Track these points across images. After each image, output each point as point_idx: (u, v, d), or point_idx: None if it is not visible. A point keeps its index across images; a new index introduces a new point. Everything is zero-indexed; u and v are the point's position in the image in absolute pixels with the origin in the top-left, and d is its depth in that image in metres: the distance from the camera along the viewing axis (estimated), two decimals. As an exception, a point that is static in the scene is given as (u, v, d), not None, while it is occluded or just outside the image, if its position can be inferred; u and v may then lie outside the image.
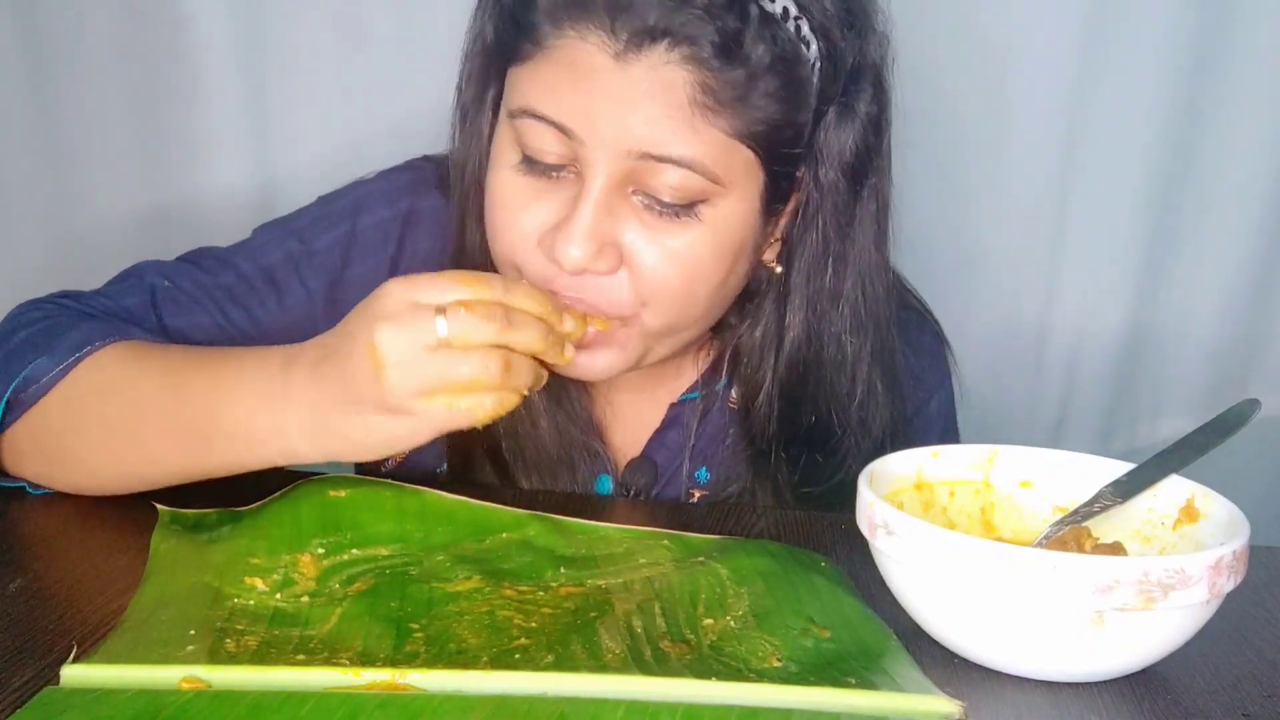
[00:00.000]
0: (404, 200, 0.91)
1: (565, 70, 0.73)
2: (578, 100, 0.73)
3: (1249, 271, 1.39)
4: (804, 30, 0.75)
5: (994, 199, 1.38)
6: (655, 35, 0.71)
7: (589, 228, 0.74)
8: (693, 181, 0.74)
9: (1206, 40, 1.31)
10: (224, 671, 0.56)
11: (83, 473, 0.77)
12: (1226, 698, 0.62)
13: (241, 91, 1.33)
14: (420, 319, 0.64)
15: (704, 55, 0.71)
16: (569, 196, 0.76)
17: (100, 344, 0.77)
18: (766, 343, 0.87)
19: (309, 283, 0.88)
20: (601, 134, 0.73)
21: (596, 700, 0.55)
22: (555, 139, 0.75)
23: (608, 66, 0.72)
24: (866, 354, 0.87)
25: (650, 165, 0.74)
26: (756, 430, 0.89)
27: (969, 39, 1.31)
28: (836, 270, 0.84)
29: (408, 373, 0.64)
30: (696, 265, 0.77)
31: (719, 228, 0.77)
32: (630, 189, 0.75)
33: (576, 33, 0.73)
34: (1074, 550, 0.69)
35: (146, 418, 0.74)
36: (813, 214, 0.82)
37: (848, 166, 0.81)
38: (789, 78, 0.75)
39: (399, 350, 0.64)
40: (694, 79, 0.72)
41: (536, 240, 0.77)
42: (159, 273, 0.87)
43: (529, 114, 0.75)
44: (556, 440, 0.90)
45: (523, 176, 0.77)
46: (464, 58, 0.83)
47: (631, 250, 0.76)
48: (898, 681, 0.60)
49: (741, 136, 0.74)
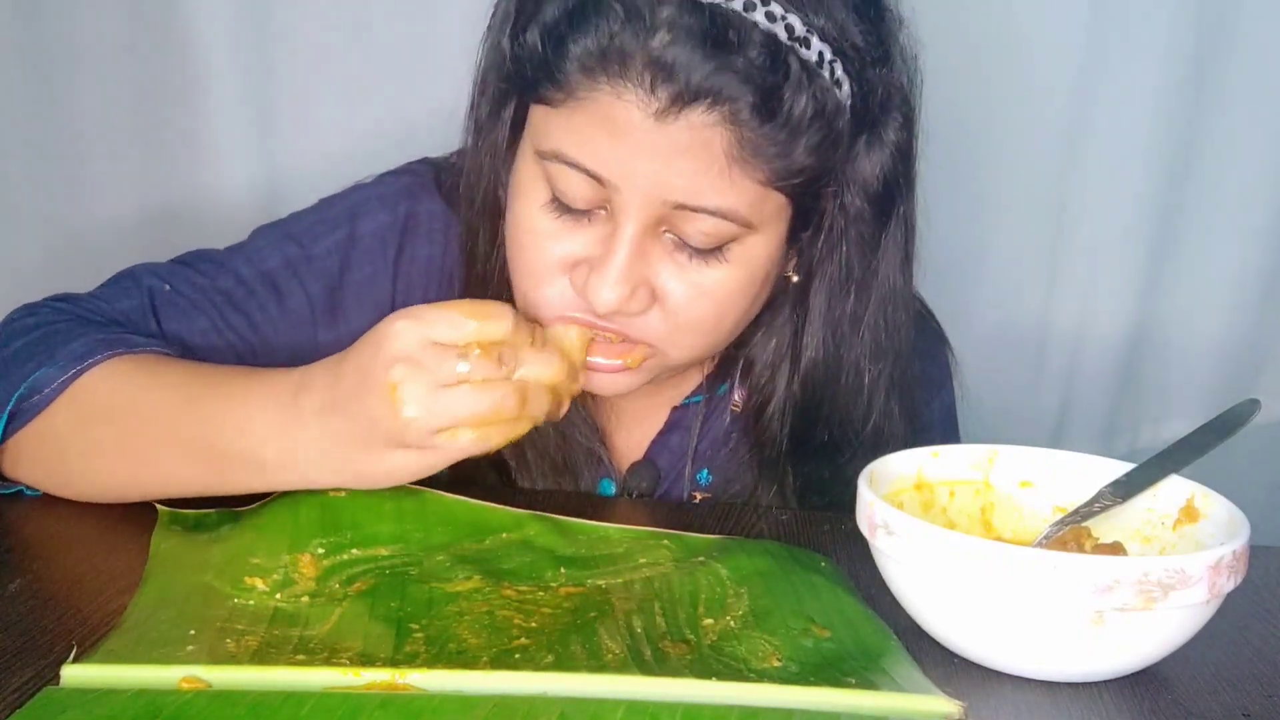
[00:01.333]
0: (403, 205, 0.90)
1: (600, 124, 0.71)
2: (614, 154, 0.72)
3: (1252, 272, 1.39)
4: (838, 73, 0.73)
5: (995, 199, 1.38)
6: (696, 97, 0.69)
7: (622, 271, 0.74)
8: (724, 228, 0.74)
9: (1208, 40, 1.31)
10: (224, 671, 0.56)
11: (90, 485, 0.78)
12: (1226, 698, 0.62)
13: (245, 91, 1.33)
14: (439, 360, 0.65)
15: (743, 115, 0.70)
16: (600, 234, 0.75)
17: (106, 355, 0.77)
18: (780, 356, 0.87)
19: (309, 287, 0.88)
20: (638, 186, 0.72)
21: (596, 700, 0.55)
22: (587, 185, 0.74)
23: (646, 125, 0.70)
24: (885, 380, 0.87)
25: (683, 213, 0.73)
26: (765, 440, 0.89)
27: (969, 39, 1.31)
28: (859, 296, 0.83)
29: (428, 412, 0.66)
30: (727, 300, 0.78)
31: (748, 264, 0.77)
32: (663, 229, 0.75)
33: (612, 88, 0.70)
34: (1074, 550, 0.69)
35: (156, 438, 0.74)
36: (837, 239, 0.81)
37: (875, 194, 0.80)
38: (829, 130, 0.73)
39: (419, 391, 0.65)
40: (732, 135, 0.71)
41: (563, 269, 0.77)
42: (156, 275, 0.86)
43: (561, 159, 0.74)
44: (559, 444, 0.90)
45: (551, 215, 0.76)
46: (479, 70, 0.82)
47: (663, 289, 0.76)
48: (898, 681, 0.60)
49: (776, 185, 0.74)
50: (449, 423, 0.66)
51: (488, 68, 0.81)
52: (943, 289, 1.03)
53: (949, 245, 1.35)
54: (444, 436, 0.67)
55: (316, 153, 1.33)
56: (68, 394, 0.76)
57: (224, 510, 0.76)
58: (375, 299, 0.89)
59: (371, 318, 0.88)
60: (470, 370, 0.66)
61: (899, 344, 0.86)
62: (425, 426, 0.66)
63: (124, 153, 1.34)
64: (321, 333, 0.88)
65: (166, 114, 1.33)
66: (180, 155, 1.34)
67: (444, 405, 0.66)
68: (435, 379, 0.65)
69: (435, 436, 0.67)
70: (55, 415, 0.76)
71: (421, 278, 0.90)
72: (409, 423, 0.66)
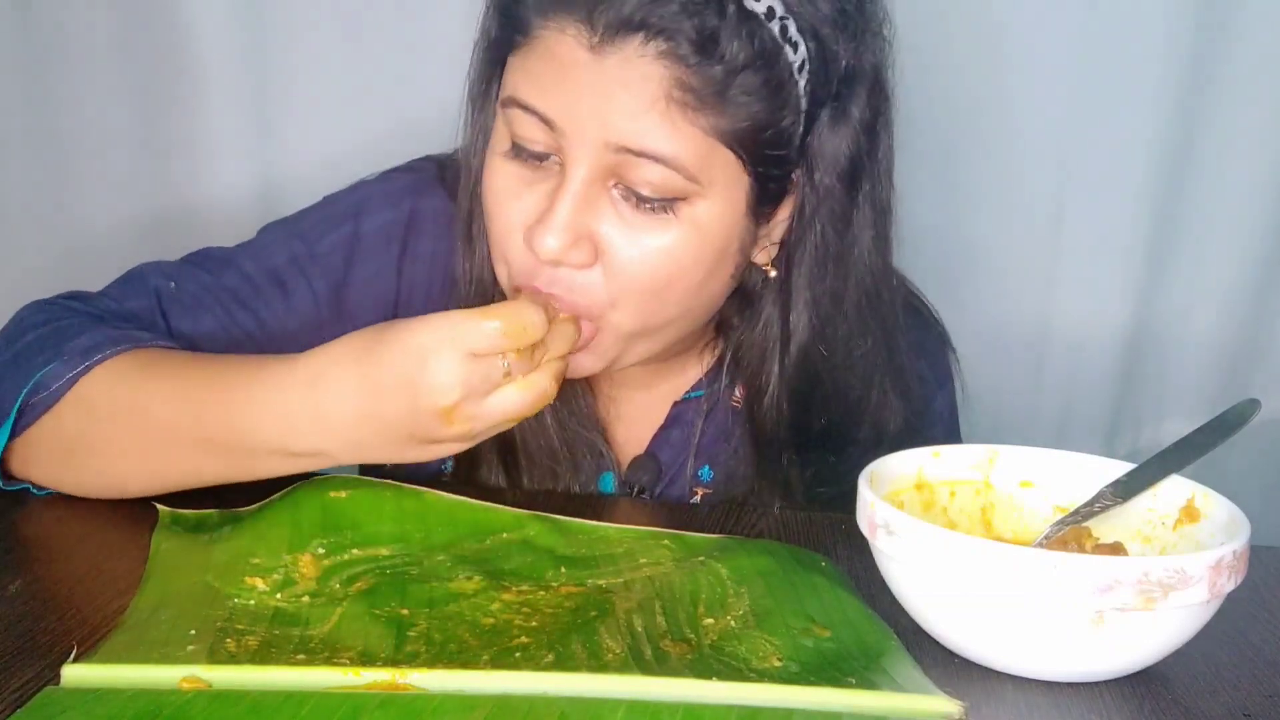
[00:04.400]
0: (407, 201, 0.91)
1: (547, 61, 0.74)
2: (558, 92, 0.74)
3: (1251, 271, 1.39)
4: (791, 31, 0.75)
5: (995, 199, 1.37)
6: (631, 28, 0.72)
7: (566, 219, 0.75)
8: (672, 179, 0.74)
9: (1206, 39, 1.31)
10: (224, 671, 0.56)
11: (97, 480, 0.78)
12: (1226, 698, 0.62)
13: (244, 93, 1.33)
14: (485, 375, 0.68)
15: (680, 51, 0.72)
16: (552, 188, 0.77)
17: (113, 351, 0.77)
18: (769, 345, 0.87)
19: (314, 284, 0.88)
20: (580, 126, 0.74)
21: (596, 700, 0.56)
22: (539, 129, 0.76)
23: (585, 59, 0.73)
24: (877, 357, 0.87)
25: (629, 159, 0.74)
26: (764, 431, 0.89)
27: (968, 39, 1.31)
28: (837, 273, 0.83)
29: (483, 423, 0.70)
30: (672, 264, 0.77)
31: (698, 229, 0.77)
32: (611, 182, 0.76)
33: (557, 24, 0.74)
34: (1074, 550, 0.69)
35: (162, 432, 0.75)
36: (809, 217, 0.82)
37: (843, 171, 0.80)
38: (769, 77, 0.74)
39: (472, 408, 0.69)
40: (670, 74, 0.72)
41: (521, 232, 0.78)
42: (163, 274, 0.87)
43: (516, 103, 0.76)
44: (561, 436, 0.90)
45: (511, 164, 0.78)
46: (473, 53, 0.84)
47: (607, 243, 0.76)
48: (898, 681, 0.60)
49: (721, 136, 0.74)
50: (501, 423, 0.70)
51: (478, 46, 0.83)
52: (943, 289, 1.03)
53: (949, 245, 1.35)
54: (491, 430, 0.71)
55: (315, 153, 1.33)
56: (76, 390, 0.76)
57: (224, 510, 0.76)
58: (380, 295, 0.90)
59: (376, 314, 0.89)
60: (512, 369, 0.69)
61: (884, 323, 0.87)
62: (479, 433, 0.71)
63: (123, 154, 1.34)
64: (327, 329, 0.88)
65: (165, 116, 1.33)
66: (179, 157, 1.34)
67: (495, 410, 0.69)
68: (484, 391, 0.68)
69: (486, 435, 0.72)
70: (64, 411, 0.76)
71: (426, 274, 0.90)
72: (464, 434, 0.70)
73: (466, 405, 0.68)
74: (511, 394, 0.69)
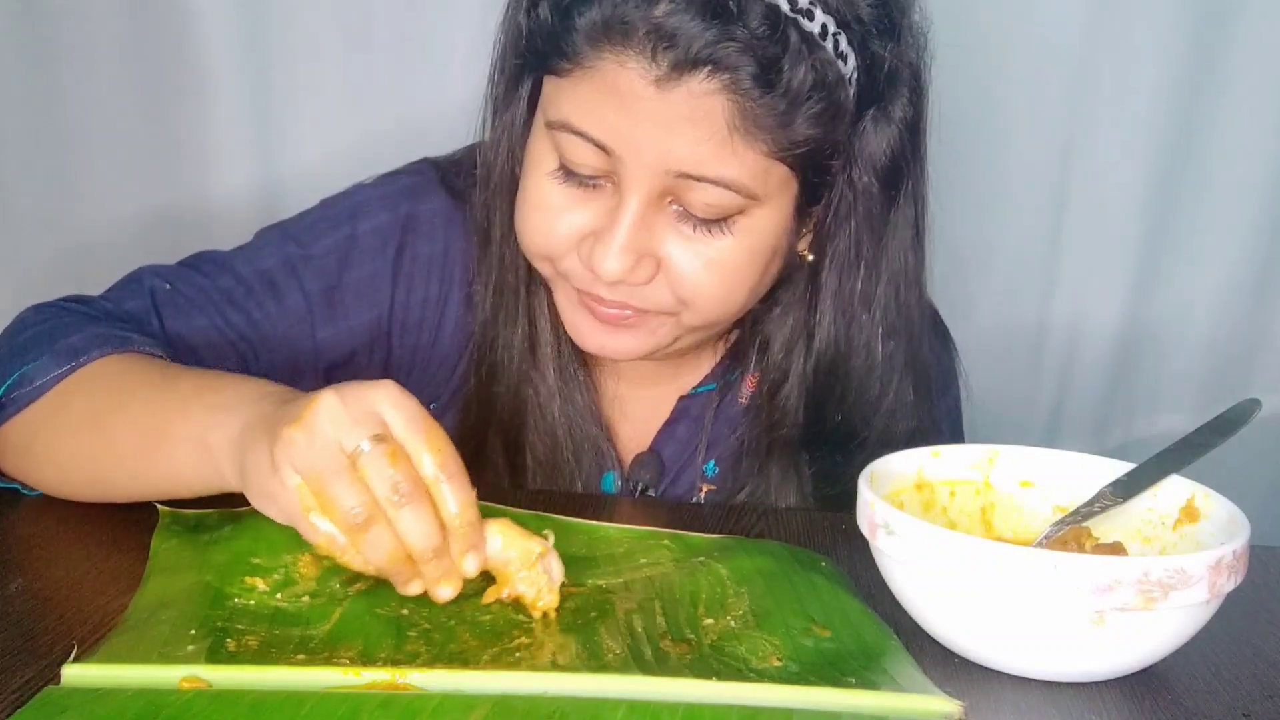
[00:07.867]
0: (404, 205, 0.91)
1: (605, 93, 0.73)
2: (618, 122, 0.74)
3: (1247, 269, 1.39)
4: (842, 45, 0.75)
5: (993, 197, 1.38)
6: (695, 64, 0.71)
7: (626, 241, 0.76)
8: (730, 199, 0.75)
9: (1206, 38, 1.31)
10: (224, 671, 0.56)
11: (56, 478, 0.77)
12: (1226, 698, 0.62)
13: (247, 93, 1.33)
14: (344, 446, 0.59)
15: (744, 85, 0.71)
16: (606, 206, 0.77)
17: (99, 353, 0.77)
18: (795, 335, 0.87)
19: (307, 286, 0.88)
20: (640, 154, 0.74)
21: (596, 700, 0.56)
22: (594, 154, 0.76)
23: (648, 93, 0.72)
24: (897, 361, 0.87)
25: (688, 183, 0.75)
26: (779, 423, 0.89)
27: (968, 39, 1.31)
28: (868, 274, 0.84)
29: (286, 493, 0.61)
30: (733, 272, 0.79)
31: (753, 236, 0.78)
32: (668, 200, 0.77)
33: (615, 57, 0.72)
34: (1074, 550, 0.69)
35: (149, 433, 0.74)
36: (845, 214, 0.82)
37: (883, 170, 0.81)
38: (829, 101, 0.75)
39: (295, 464, 0.60)
40: (734, 105, 0.72)
41: (572, 244, 0.79)
42: (160, 277, 0.87)
43: (568, 129, 0.76)
44: (565, 433, 0.90)
45: (560, 184, 0.78)
46: (496, 49, 0.83)
47: (669, 260, 0.78)
48: (898, 681, 0.60)
49: (779, 155, 0.75)
50: (292, 513, 0.62)
51: (505, 47, 0.83)
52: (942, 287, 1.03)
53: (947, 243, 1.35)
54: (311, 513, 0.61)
55: (317, 154, 1.33)
56: (59, 388, 0.76)
57: (224, 510, 0.76)
58: (374, 297, 0.90)
59: (370, 316, 0.89)
60: (363, 459, 0.59)
61: (911, 325, 0.87)
62: (284, 506, 0.62)
63: (125, 155, 1.34)
64: (320, 331, 0.88)
65: (168, 116, 1.33)
66: (183, 158, 1.34)
67: (293, 495, 0.61)
68: (328, 460, 0.60)
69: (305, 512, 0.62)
70: (42, 406, 0.76)
71: (423, 276, 0.91)
72: (277, 490, 0.61)
73: (295, 457, 0.60)
74: (326, 521, 0.61)
